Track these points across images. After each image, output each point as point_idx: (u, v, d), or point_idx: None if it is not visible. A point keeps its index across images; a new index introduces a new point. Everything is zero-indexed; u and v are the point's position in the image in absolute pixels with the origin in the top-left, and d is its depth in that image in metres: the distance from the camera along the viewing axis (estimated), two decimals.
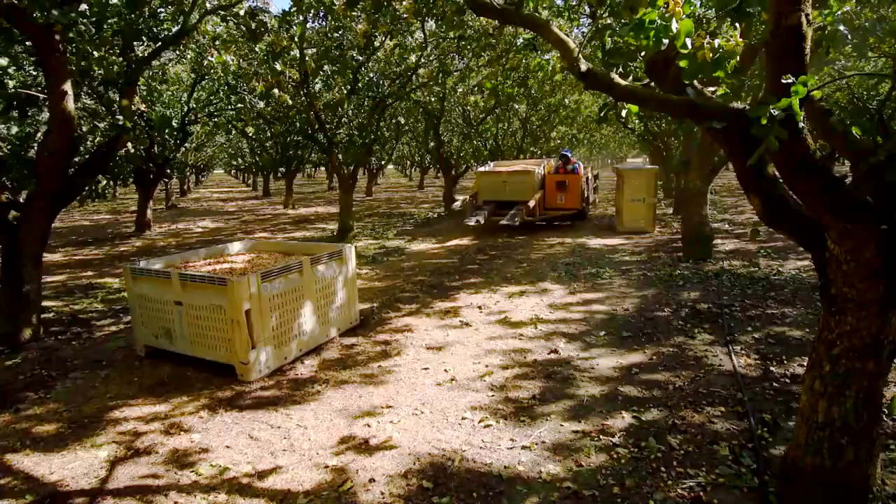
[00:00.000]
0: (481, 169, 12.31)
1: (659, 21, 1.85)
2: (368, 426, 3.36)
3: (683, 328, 4.88)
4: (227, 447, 3.18)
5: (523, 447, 3.04)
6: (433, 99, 14.51)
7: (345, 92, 10.72)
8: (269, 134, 16.97)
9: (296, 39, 8.77)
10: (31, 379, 4.30)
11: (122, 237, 13.00)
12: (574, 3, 8.06)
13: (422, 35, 10.39)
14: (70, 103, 4.77)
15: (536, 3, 7.06)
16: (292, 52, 8.96)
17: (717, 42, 2.04)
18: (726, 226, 10.95)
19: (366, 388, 3.94)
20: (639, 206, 10.40)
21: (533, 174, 11.16)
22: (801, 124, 1.92)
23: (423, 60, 11.18)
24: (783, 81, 1.81)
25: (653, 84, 2.80)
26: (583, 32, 10.92)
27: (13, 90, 5.44)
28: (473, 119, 17.50)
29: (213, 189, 36.63)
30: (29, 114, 5.84)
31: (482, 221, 10.54)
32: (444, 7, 6.86)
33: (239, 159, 29.93)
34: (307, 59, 9.45)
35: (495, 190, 11.47)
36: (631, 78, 2.59)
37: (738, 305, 5.46)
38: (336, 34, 10.04)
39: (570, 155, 12.05)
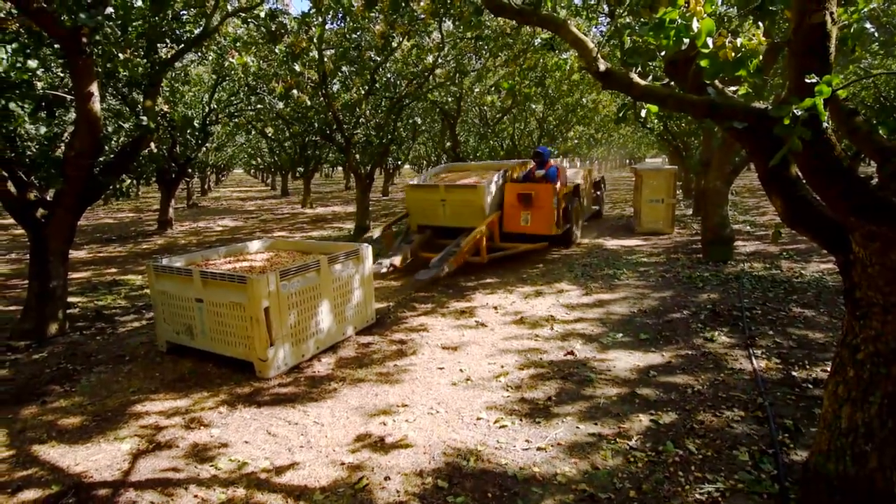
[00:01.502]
0: (412, 181, 8.78)
1: (679, 20, 1.83)
2: (384, 424, 3.39)
3: (702, 330, 4.82)
4: (246, 442, 3.23)
5: (539, 448, 3.03)
6: (450, 99, 14.53)
7: (362, 92, 10.80)
8: (287, 134, 17.16)
9: (314, 41, 8.86)
10: (56, 372, 4.42)
11: (145, 235, 13.27)
12: (592, 3, 8.00)
13: (439, 35, 10.41)
14: (96, 104, 4.90)
15: (555, 2, 7.04)
16: (311, 54, 9.06)
17: (738, 41, 2.01)
18: (747, 227, 10.77)
19: (381, 386, 3.96)
20: (657, 206, 10.28)
21: (480, 191, 7.65)
22: (825, 124, 1.88)
23: (440, 61, 11.20)
24: (807, 81, 1.78)
25: (672, 83, 2.77)
26: (601, 31, 10.80)
27: (42, 91, 5.59)
28: (490, 119, 17.47)
29: (233, 188, 37.15)
30: (56, 114, 6.00)
31: (396, 266, 6.97)
32: (461, 8, 6.86)
33: (258, 159, 30.32)
34: (326, 60, 9.55)
35: (431, 211, 8.10)
36: (651, 77, 2.57)
37: (758, 308, 5.36)
38: (354, 35, 10.12)
39: (547, 154, 8.57)
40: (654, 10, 3.05)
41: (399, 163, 26.37)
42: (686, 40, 1.87)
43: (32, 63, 5.38)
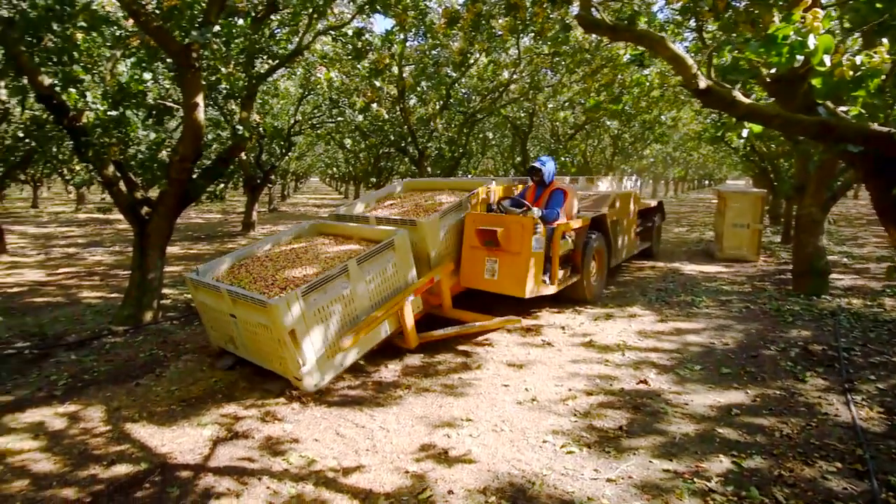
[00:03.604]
0: (336, 210, 6.30)
1: (794, 36, 1.72)
2: (448, 437, 3.38)
3: (793, 370, 4.43)
4: (316, 440, 3.33)
5: (608, 480, 2.90)
6: (522, 114, 14.52)
7: (437, 107, 11.04)
8: (363, 145, 17.84)
9: (396, 57, 9.18)
10: (149, 357, 4.79)
11: (230, 235, 14.20)
12: (680, 18, 7.73)
13: (516, 51, 10.46)
14: (201, 114, 5.32)
15: (648, 18, 6.86)
16: (392, 69, 9.39)
17: (858, 59, 1.85)
18: (844, 259, 9.85)
19: (446, 398, 3.97)
20: (742, 231, 9.65)
21: (423, 230, 4.99)
22: None
23: (515, 76, 11.24)
24: None
25: (774, 101, 2.60)
26: (685, 47, 10.38)
27: (153, 101, 6.18)
28: (562, 135, 17.26)
29: (309, 195, 39.02)
30: (163, 122, 6.61)
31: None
32: (542, 24, 6.85)
33: (334, 168, 31.68)
34: (406, 75, 9.86)
35: None
36: (754, 96, 2.43)
37: (858, 349, 4.87)
38: (433, 52, 10.39)
39: (550, 170, 5.92)
40: (755, 25, 2.89)
41: (469, 176, 26.67)
42: (800, 57, 1.75)
43: (147, 75, 5.97)
